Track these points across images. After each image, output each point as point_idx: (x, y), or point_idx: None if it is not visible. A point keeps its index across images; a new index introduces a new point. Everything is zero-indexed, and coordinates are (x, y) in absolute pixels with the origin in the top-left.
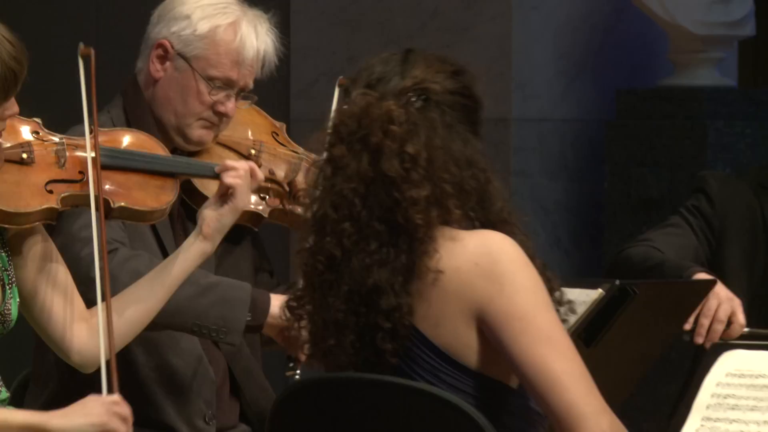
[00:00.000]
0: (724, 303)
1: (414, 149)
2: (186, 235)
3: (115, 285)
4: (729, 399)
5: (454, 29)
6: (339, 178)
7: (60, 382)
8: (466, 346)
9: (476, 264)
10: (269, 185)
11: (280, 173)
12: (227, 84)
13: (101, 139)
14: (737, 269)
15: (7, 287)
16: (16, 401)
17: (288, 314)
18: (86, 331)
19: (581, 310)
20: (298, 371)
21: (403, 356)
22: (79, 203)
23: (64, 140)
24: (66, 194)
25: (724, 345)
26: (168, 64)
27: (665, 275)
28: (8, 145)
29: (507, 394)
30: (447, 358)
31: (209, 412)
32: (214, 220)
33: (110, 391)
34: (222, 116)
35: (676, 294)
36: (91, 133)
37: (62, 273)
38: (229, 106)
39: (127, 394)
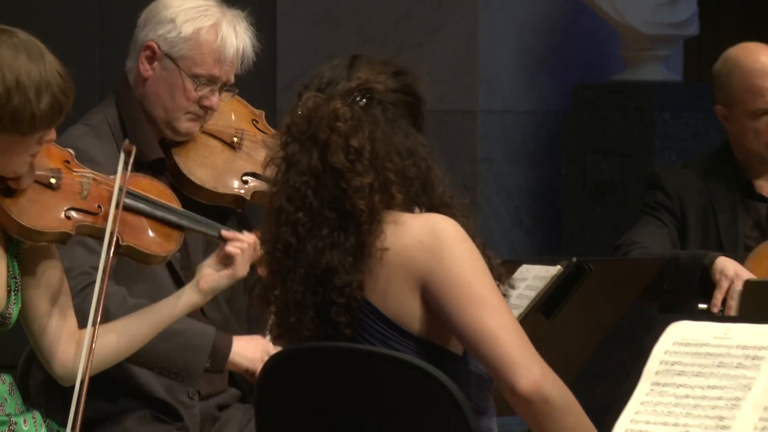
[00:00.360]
0: None
1: (358, 143)
2: None
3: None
4: (676, 366)
5: (425, 29)
6: (292, 173)
7: None
8: (412, 315)
9: (420, 241)
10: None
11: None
12: (211, 80)
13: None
14: (696, 246)
15: (13, 293)
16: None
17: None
18: (73, 350)
19: (541, 285)
20: None
21: (356, 327)
22: (92, 234)
23: (91, 175)
24: (81, 223)
25: (672, 316)
26: (156, 64)
27: (684, 268)
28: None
29: (452, 359)
30: (395, 327)
31: (192, 389)
32: (211, 279)
33: None
34: (207, 109)
35: (626, 270)
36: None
37: (68, 301)
38: (214, 100)
39: (119, 371)
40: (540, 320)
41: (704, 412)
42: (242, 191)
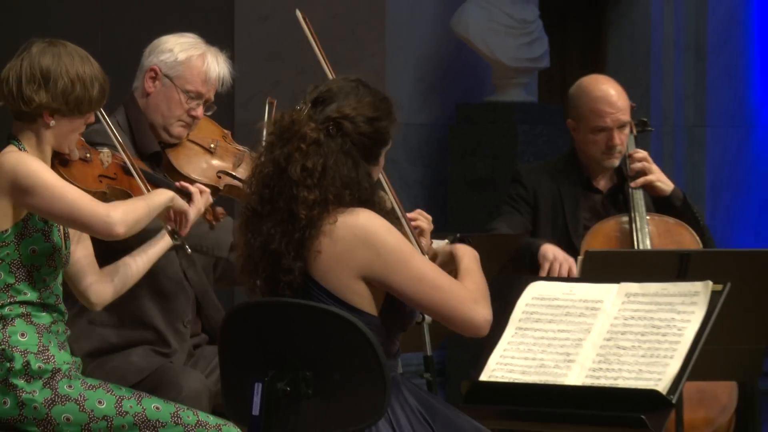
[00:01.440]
0: (563, 263)
1: (311, 164)
2: None
3: None
4: (534, 315)
5: (345, 62)
6: (267, 156)
7: None
8: (348, 290)
9: (354, 235)
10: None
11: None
12: (198, 96)
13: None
14: (546, 229)
15: (68, 239)
16: None
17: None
18: (104, 285)
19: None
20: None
21: (301, 294)
22: (116, 196)
23: (108, 152)
24: (110, 186)
25: (532, 277)
26: (157, 82)
27: (523, 249)
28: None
29: (371, 318)
30: (332, 296)
31: (186, 319)
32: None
33: None
34: (194, 118)
35: (494, 243)
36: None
37: (89, 245)
38: (199, 111)
39: (129, 306)
40: None
41: (555, 350)
42: (217, 183)
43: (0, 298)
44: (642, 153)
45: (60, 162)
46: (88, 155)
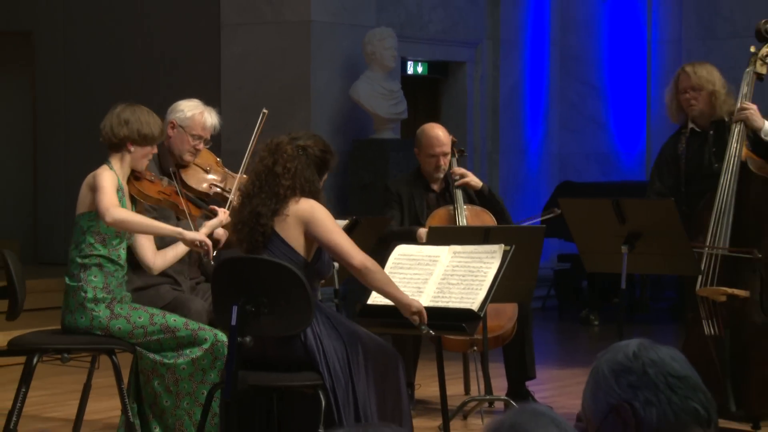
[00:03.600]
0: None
1: (289, 166)
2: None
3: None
4: (399, 264)
5: (287, 115)
6: (260, 162)
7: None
8: (295, 240)
9: (305, 209)
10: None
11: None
12: (199, 137)
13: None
14: (409, 215)
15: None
16: None
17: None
18: (155, 258)
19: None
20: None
21: (269, 245)
22: (168, 206)
23: (166, 180)
24: (165, 199)
25: (398, 243)
26: (175, 130)
27: (400, 235)
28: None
29: (305, 263)
30: (284, 242)
31: (186, 273)
32: (205, 227)
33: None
34: (197, 151)
35: (374, 223)
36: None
37: (150, 237)
38: (200, 146)
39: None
40: None
41: (412, 285)
42: (209, 190)
43: (84, 251)
44: (461, 168)
45: (135, 177)
46: (153, 179)
